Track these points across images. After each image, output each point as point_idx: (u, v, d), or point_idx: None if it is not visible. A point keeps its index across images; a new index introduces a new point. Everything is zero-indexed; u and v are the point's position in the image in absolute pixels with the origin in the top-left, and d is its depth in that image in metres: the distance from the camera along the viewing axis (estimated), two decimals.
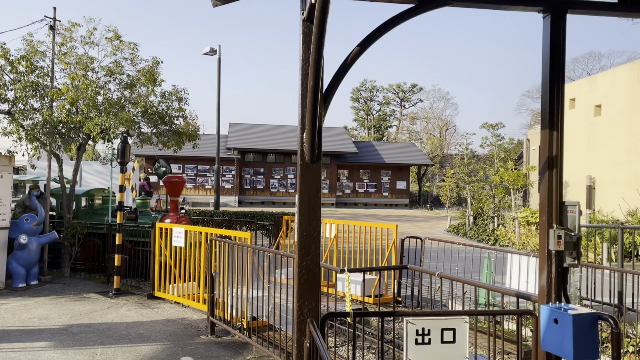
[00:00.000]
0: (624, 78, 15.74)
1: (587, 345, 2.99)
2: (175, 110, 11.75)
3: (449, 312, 3.38)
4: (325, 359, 2.30)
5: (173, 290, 8.71)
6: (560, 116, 3.27)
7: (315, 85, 2.92)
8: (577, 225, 3.22)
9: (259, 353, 6.25)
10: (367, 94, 57.66)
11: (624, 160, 15.58)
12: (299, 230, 3.12)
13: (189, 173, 34.33)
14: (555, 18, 3.25)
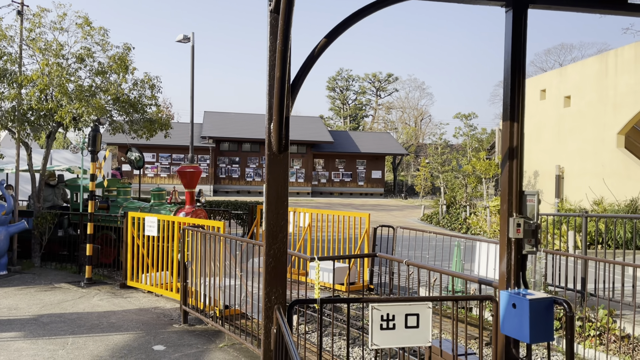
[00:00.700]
0: (593, 70, 16.11)
1: (543, 328, 3.13)
2: (148, 98, 11.62)
3: (412, 298, 3.49)
4: (290, 344, 2.37)
5: (146, 279, 8.69)
6: (521, 108, 3.38)
7: (282, 76, 2.96)
8: (535, 214, 3.35)
9: (231, 341, 6.31)
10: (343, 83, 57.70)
11: (591, 151, 16.00)
12: (266, 219, 3.18)
13: (163, 162, 33.99)
14: (517, 12, 3.35)
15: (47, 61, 10.35)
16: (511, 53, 3.37)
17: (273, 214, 3.18)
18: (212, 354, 5.90)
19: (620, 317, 6.29)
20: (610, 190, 14.68)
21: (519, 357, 3.43)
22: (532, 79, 19.90)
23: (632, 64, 14.57)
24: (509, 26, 3.37)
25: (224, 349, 6.09)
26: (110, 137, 12.26)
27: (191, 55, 19.94)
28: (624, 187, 14.45)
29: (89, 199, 9.61)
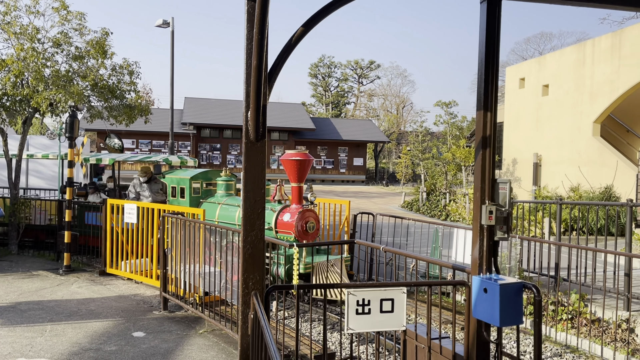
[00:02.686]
0: (571, 59, 16.33)
1: (513, 311, 3.24)
2: (127, 84, 11.48)
3: (387, 283, 3.56)
4: (265, 329, 2.42)
5: (125, 266, 8.67)
6: (494, 98, 3.45)
7: (258, 64, 2.98)
8: (507, 202, 3.44)
9: (211, 327, 6.36)
10: (325, 70, 57.49)
11: (568, 139, 16.27)
12: (244, 206, 3.21)
13: (143, 148, 33.63)
14: (492, 4, 3.40)
15: (22, 46, 10.14)
16: (485, 44, 3.43)
17: (251, 202, 3.22)
18: (192, 339, 5.95)
19: (591, 302, 6.49)
20: (586, 178, 14.98)
21: (490, 340, 3.54)
22: (512, 67, 20.09)
23: (609, 53, 14.80)
24: (484, 17, 3.43)
25: (203, 334, 6.13)
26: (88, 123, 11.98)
27: (171, 40, 19.69)
28: (599, 174, 14.76)
29: (66, 185, 9.51)
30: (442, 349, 3.96)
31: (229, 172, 9.52)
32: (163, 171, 10.35)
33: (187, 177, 9.42)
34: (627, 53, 14.19)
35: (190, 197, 9.35)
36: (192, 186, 9.39)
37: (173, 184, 9.71)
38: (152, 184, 10.05)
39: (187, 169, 10.82)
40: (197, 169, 10.42)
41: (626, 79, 14.19)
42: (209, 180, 9.66)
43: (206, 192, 9.61)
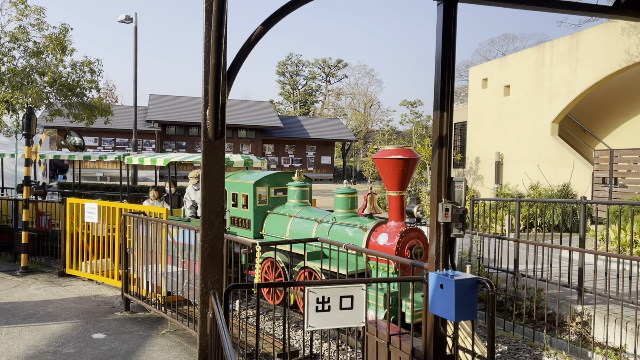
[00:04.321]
0: (531, 60, 16.77)
1: (468, 306, 3.33)
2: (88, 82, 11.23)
3: (346, 280, 3.61)
4: (222, 328, 2.42)
5: (86, 267, 8.50)
6: (450, 98, 3.53)
7: (217, 63, 2.97)
8: (463, 199, 3.52)
9: (174, 327, 6.29)
10: (293, 68, 57.42)
11: (528, 138, 16.71)
12: (203, 205, 3.20)
13: (106, 146, 32.92)
14: (448, 6, 3.48)
15: None
16: (442, 45, 3.51)
17: (210, 200, 3.21)
18: (154, 340, 5.88)
19: (546, 296, 6.71)
20: (545, 176, 15.43)
21: (446, 335, 3.62)
22: (475, 68, 20.50)
23: (566, 55, 15.27)
24: (440, 19, 3.50)
25: (166, 335, 6.07)
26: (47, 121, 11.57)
27: (134, 36, 19.32)
28: (557, 173, 15.23)
29: (23, 184, 9.24)
30: (402, 345, 4.03)
31: (303, 176, 7.77)
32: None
33: (251, 182, 7.66)
34: (583, 55, 14.67)
35: (255, 207, 7.62)
36: (257, 193, 7.65)
37: (233, 190, 7.97)
38: None
39: (251, 172, 8.78)
40: (264, 172, 8.48)
41: (583, 80, 14.67)
42: (278, 185, 7.95)
43: (274, 200, 7.86)
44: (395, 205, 6.02)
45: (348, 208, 6.85)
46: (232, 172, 8.54)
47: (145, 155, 10.05)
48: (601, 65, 14.07)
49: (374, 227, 6.20)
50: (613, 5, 3.90)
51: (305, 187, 7.65)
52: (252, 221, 7.63)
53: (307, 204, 7.55)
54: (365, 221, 6.40)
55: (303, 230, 6.99)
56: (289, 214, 7.38)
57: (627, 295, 6.12)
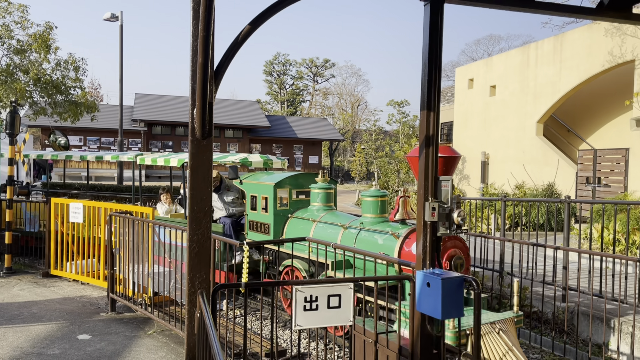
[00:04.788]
0: (516, 61, 16.94)
1: (454, 304, 3.36)
2: (72, 80, 11.12)
3: (335, 279, 3.62)
4: (209, 327, 2.42)
5: (71, 267, 8.41)
6: (436, 98, 3.55)
7: (204, 62, 2.97)
8: (449, 198, 3.55)
9: (160, 327, 6.26)
10: (280, 68, 57.35)
11: (513, 138, 16.88)
12: (190, 205, 3.19)
13: (92, 146, 32.60)
14: (434, 6, 3.51)
15: None
16: (428, 45, 3.53)
17: (197, 200, 3.20)
18: (140, 340, 5.84)
19: (531, 294, 6.78)
20: (530, 176, 15.59)
21: (433, 333, 3.65)
22: (461, 68, 20.65)
23: (551, 56, 15.45)
24: (427, 19, 3.53)
25: (152, 335, 6.03)
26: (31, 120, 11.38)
27: (120, 34, 19.16)
28: (541, 172, 15.40)
29: (6, 184, 9.12)
30: (389, 343, 4.06)
31: (328, 177, 7.13)
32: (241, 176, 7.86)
33: (271, 184, 7.07)
34: (567, 56, 14.85)
35: (275, 211, 7.05)
36: (278, 195, 7.07)
37: (252, 192, 7.40)
38: (225, 192, 8.09)
39: (271, 173, 8.14)
40: (284, 172, 7.90)
41: (567, 81, 14.85)
42: (301, 187, 7.34)
43: (296, 204, 7.26)
44: None
45: (378, 212, 6.10)
46: (250, 173, 7.96)
47: (159, 156, 9.46)
48: (585, 66, 14.26)
49: (407, 234, 5.47)
50: (596, 7, 3.96)
51: (330, 189, 7.01)
52: (272, 226, 7.01)
53: (331, 208, 6.94)
54: (397, 227, 5.68)
55: (327, 236, 6.28)
56: (312, 219, 6.72)
57: (610, 293, 6.22)
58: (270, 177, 7.49)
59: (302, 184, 7.32)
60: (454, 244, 5.21)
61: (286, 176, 7.24)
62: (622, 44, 13.02)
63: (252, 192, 7.37)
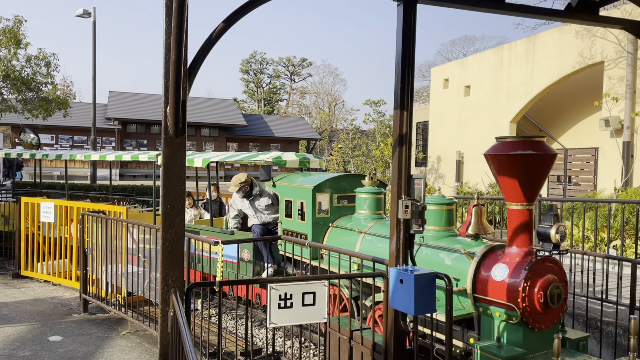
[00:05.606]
0: (490, 61, 17.20)
1: (426, 300, 3.40)
2: (43, 76, 10.89)
3: (309, 277, 3.64)
4: (182, 326, 2.41)
5: (42, 268, 8.26)
6: (409, 98, 3.60)
7: (177, 59, 2.95)
8: (422, 196, 3.60)
9: (134, 328, 6.19)
10: (257, 66, 57.10)
11: (487, 138, 17.10)
12: (163, 203, 3.17)
13: (64, 144, 31.97)
14: (407, 7, 3.55)
15: None
16: (402, 45, 3.57)
17: (170, 198, 3.18)
18: (114, 341, 5.77)
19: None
20: None
21: (406, 330, 3.70)
22: (437, 68, 20.87)
23: (524, 57, 15.73)
24: (400, 19, 3.57)
25: (126, 336, 5.96)
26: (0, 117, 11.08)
27: (92, 31, 18.82)
28: None
29: None
30: (363, 340, 4.09)
31: (377, 179, 6.08)
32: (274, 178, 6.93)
33: (309, 187, 6.11)
34: (539, 57, 15.15)
35: (313, 218, 6.07)
36: (317, 201, 6.11)
37: (287, 196, 6.45)
38: (257, 197, 7.21)
39: (308, 174, 7.18)
40: (324, 174, 6.93)
41: (539, 82, 15.14)
42: (343, 191, 6.34)
43: (338, 210, 6.25)
44: (519, 223, 4.04)
45: (443, 224, 4.96)
46: (284, 174, 7.01)
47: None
48: (556, 67, 14.56)
49: (485, 253, 4.31)
50: (565, 9, 4.06)
51: (380, 194, 5.91)
52: (310, 237, 6.02)
53: (381, 217, 5.85)
54: (469, 244, 4.56)
55: (378, 251, 5.08)
56: (359, 229, 5.61)
57: (579, 288, 6.37)
58: (307, 179, 6.47)
59: (345, 187, 6.35)
60: (549, 268, 3.98)
61: (326, 178, 6.26)
62: (591, 45, 13.34)
63: (287, 197, 6.43)
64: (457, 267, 4.47)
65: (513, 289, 3.90)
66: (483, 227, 4.63)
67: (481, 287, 4.16)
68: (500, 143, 4.11)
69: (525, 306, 3.84)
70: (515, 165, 3.92)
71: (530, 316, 3.85)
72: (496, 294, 4.02)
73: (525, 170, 3.90)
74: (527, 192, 3.97)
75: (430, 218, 4.87)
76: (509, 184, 4.04)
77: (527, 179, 3.93)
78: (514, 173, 3.94)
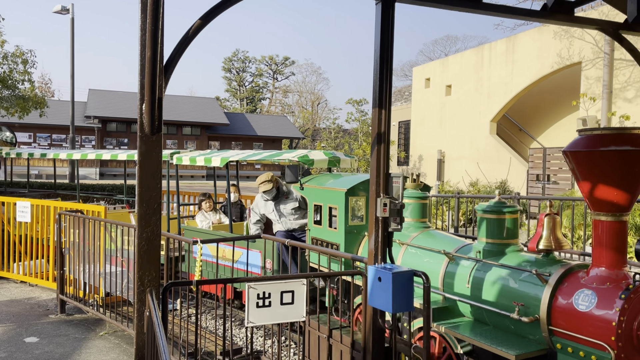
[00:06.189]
0: (471, 61, 17.36)
1: (405, 298, 3.42)
2: (20, 73, 10.70)
3: (288, 275, 3.63)
4: (157, 326, 2.39)
5: (18, 268, 8.12)
6: (388, 96, 3.61)
7: (153, 56, 2.92)
8: (400, 194, 3.62)
9: (112, 328, 6.12)
10: (240, 65, 56.82)
11: (468, 137, 17.30)
12: (139, 202, 3.13)
13: (42, 143, 31.46)
14: (385, 6, 3.56)
15: None
16: (380, 43, 3.58)
17: (146, 197, 3.14)
18: (91, 342, 5.69)
19: None
20: (484, 173, 16.02)
21: (385, 327, 3.72)
22: (418, 67, 21.00)
23: (503, 57, 15.92)
24: (378, 18, 3.57)
25: (104, 337, 5.89)
26: None
27: (71, 28, 18.54)
28: (495, 170, 15.85)
29: None
30: (342, 338, 4.10)
31: (421, 182, 5.21)
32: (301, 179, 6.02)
33: (342, 190, 5.26)
34: (519, 57, 15.33)
35: (346, 227, 5.22)
36: (350, 206, 5.25)
37: (316, 200, 5.65)
38: (283, 201, 6.54)
39: (339, 175, 6.13)
40: (357, 175, 5.89)
41: (519, 81, 15.34)
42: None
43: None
44: (610, 237, 3.29)
45: (504, 237, 4.09)
46: (313, 176, 6.16)
47: (199, 154, 7.81)
48: (535, 67, 14.75)
49: (563, 275, 3.53)
50: (541, 10, 4.11)
51: (425, 199, 5.07)
52: (342, 247, 5.19)
53: (426, 225, 5.02)
54: (541, 263, 3.75)
55: (424, 266, 4.38)
56: (400, 241, 4.81)
57: None
58: (339, 180, 5.63)
59: None
60: None
61: (361, 180, 5.35)
62: (569, 46, 13.54)
63: (317, 201, 5.61)
64: (526, 293, 3.65)
65: (604, 323, 3.12)
66: (558, 241, 3.75)
67: (559, 318, 3.37)
68: (585, 137, 3.27)
69: (621, 346, 3.02)
70: (606, 164, 3.13)
71: (631, 354, 3.08)
72: (580, 328, 3.24)
73: (621, 171, 3.11)
74: (622, 199, 3.19)
75: (487, 228, 4.12)
76: (597, 189, 3.24)
77: (623, 183, 3.15)
78: (604, 175, 3.18)
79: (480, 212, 4.16)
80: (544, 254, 3.79)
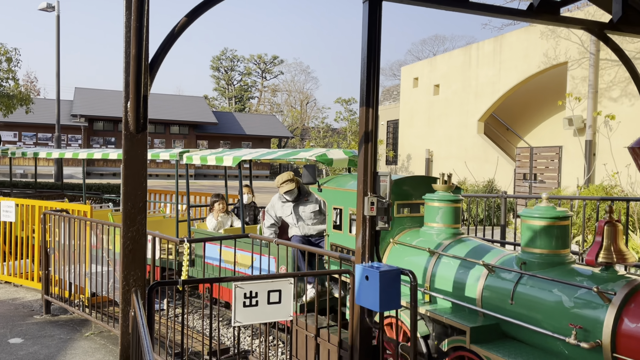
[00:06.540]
0: (458, 61, 17.45)
1: (392, 297, 3.42)
2: (4, 71, 10.56)
3: (275, 275, 3.62)
4: (142, 326, 2.36)
5: (3, 269, 8.01)
6: (375, 95, 3.61)
7: (138, 54, 2.88)
8: (388, 193, 3.62)
9: (98, 329, 6.06)
10: (228, 64, 56.60)
11: (456, 136, 17.39)
12: (124, 201, 3.10)
13: (27, 141, 31.11)
14: (372, 5, 3.56)
15: None
16: (367, 43, 3.58)
17: (131, 196, 3.11)
18: (76, 343, 5.63)
19: None
20: (471, 173, 16.11)
21: (372, 326, 3.72)
22: (407, 67, 21.06)
23: (491, 57, 16.01)
24: (366, 17, 3.57)
25: (90, 337, 5.83)
26: None
27: (56, 25, 18.34)
28: (482, 169, 15.95)
29: None
30: (330, 337, 4.09)
31: (452, 183, 4.67)
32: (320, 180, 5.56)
33: None
34: (506, 57, 15.43)
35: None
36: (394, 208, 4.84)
37: (335, 202, 5.19)
38: (302, 203, 6.05)
39: None
40: None
41: (506, 81, 15.44)
42: (406, 197, 4.89)
43: (400, 222, 4.84)
44: None
45: (553, 247, 3.65)
46: (332, 176, 5.74)
47: (210, 153, 7.37)
48: (522, 67, 14.86)
49: (630, 294, 3.09)
50: (527, 9, 4.13)
51: (457, 202, 4.54)
52: None
53: (458, 232, 4.53)
54: (603, 279, 3.30)
55: (459, 279, 4.05)
56: (430, 249, 4.33)
57: None
58: None
59: (407, 193, 4.88)
60: None
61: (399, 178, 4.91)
62: (556, 46, 13.65)
63: (336, 204, 5.14)
64: (583, 313, 3.20)
65: None
66: (621, 253, 3.26)
67: (626, 344, 2.92)
68: None
69: None
70: None
71: None
72: None
73: None
74: None
75: (534, 236, 3.66)
76: None
77: None
78: None
79: (524, 217, 3.72)
80: (602, 267, 3.32)
